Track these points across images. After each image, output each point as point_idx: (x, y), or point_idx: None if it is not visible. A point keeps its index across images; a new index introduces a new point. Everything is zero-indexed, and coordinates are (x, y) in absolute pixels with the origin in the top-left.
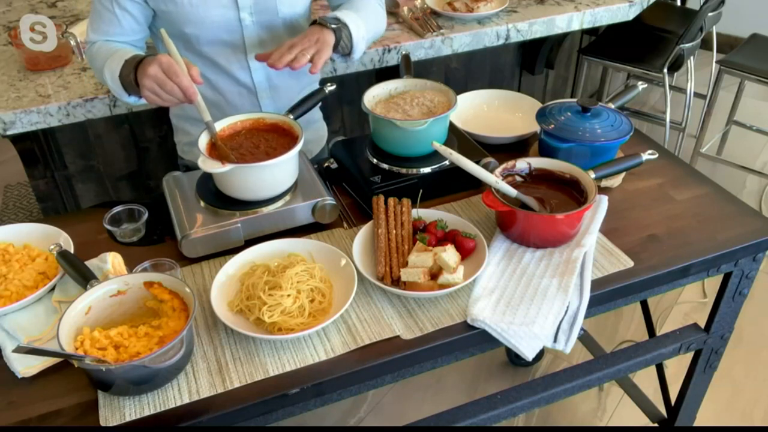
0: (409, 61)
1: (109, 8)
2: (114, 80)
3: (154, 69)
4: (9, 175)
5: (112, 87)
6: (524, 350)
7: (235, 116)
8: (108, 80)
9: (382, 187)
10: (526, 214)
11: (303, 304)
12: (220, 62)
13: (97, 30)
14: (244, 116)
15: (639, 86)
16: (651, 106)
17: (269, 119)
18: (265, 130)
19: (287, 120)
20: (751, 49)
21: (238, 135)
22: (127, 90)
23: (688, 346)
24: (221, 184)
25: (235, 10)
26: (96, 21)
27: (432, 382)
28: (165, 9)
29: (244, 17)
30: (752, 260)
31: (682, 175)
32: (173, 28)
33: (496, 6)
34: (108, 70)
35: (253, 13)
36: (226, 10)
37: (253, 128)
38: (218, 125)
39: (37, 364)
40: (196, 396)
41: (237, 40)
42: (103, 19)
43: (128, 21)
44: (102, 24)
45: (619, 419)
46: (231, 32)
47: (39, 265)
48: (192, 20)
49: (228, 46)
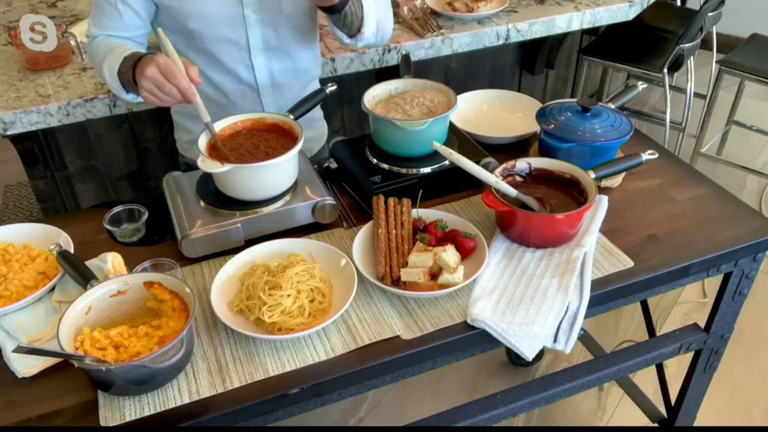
0: (409, 61)
1: (111, 2)
2: (112, 77)
3: (152, 70)
4: (9, 175)
5: (111, 84)
6: (524, 350)
7: (236, 116)
8: (107, 77)
9: (382, 187)
10: (526, 214)
11: (303, 304)
12: (223, 60)
13: (98, 24)
14: (245, 116)
15: (639, 86)
16: (651, 106)
17: (270, 119)
18: (266, 130)
19: (287, 120)
20: (751, 49)
21: (238, 135)
22: (125, 87)
23: (688, 346)
24: (221, 184)
25: (239, 7)
26: (98, 15)
27: (432, 382)
28: (168, 4)
29: (248, 14)
30: (752, 260)
31: (682, 175)
32: (176, 23)
33: (496, 6)
34: (107, 67)
35: (257, 11)
36: (230, 6)
37: (254, 128)
38: (218, 125)
39: (37, 364)
40: (196, 396)
41: (241, 38)
42: (105, 14)
43: (130, 16)
44: (104, 18)
45: (619, 419)
46: (234, 29)
47: (39, 265)
48: (195, 16)
49: (231, 43)
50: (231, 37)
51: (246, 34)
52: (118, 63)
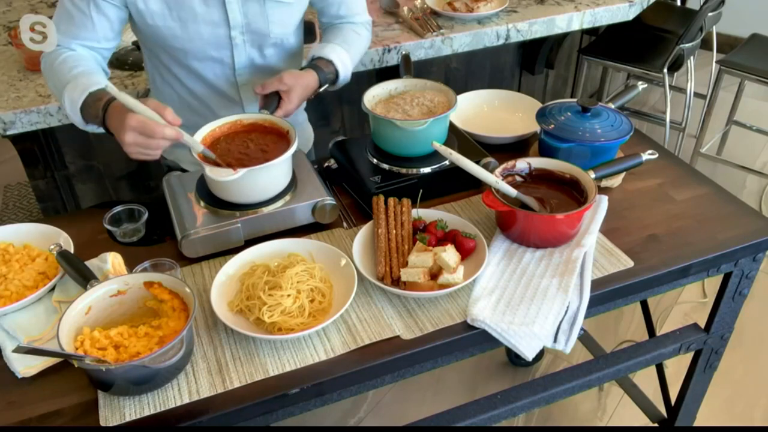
0: (409, 61)
1: (83, 10)
2: (74, 111)
3: (131, 136)
4: (9, 175)
5: (70, 115)
6: (524, 350)
7: (211, 123)
8: (66, 107)
9: (382, 187)
10: (526, 214)
11: (303, 304)
12: (207, 76)
13: (65, 33)
14: (220, 122)
15: (639, 86)
16: (651, 106)
17: (247, 120)
18: (246, 131)
19: (266, 117)
20: (751, 49)
21: (218, 142)
22: (86, 120)
23: (688, 346)
24: (224, 191)
25: (226, 28)
26: (64, 23)
27: (432, 382)
28: (153, 24)
29: (234, 36)
30: (752, 260)
31: (682, 175)
32: (161, 41)
33: (496, 6)
34: (68, 98)
35: (244, 32)
36: (217, 27)
37: (232, 132)
38: (197, 136)
39: (37, 364)
40: (196, 396)
41: (226, 57)
42: (75, 22)
43: (103, 26)
44: (72, 27)
45: (619, 419)
46: (220, 49)
47: (39, 265)
48: (181, 36)
49: (216, 61)
50: (216, 56)
51: (232, 54)
52: (82, 98)
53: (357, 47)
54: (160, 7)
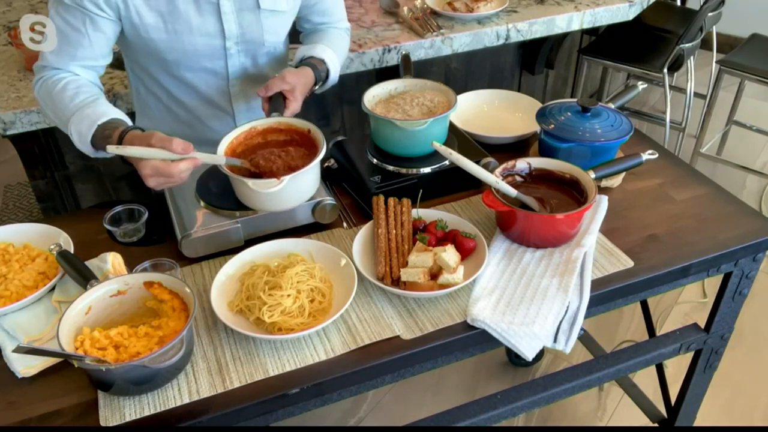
0: (409, 61)
1: (78, 28)
2: (83, 143)
3: (152, 182)
4: (9, 175)
5: (79, 146)
6: (524, 350)
7: (227, 137)
8: (74, 138)
9: (382, 187)
10: (526, 214)
11: (303, 304)
12: (199, 87)
13: (60, 53)
14: (236, 132)
15: (639, 86)
16: (651, 106)
17: (261, 126)
18: (263, 138)
19: (280, 120)
20: (751, 49)
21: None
22: (97, 149)
23: (688, 346)
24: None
25: (221, 39)
26: (59, 42)
27: (432, 382)
28: (147, 37)
29: (229, 46)
30: (752, 260)
31: (682, 175)
32: (154, 53)
33: (496, 6)
34: (75, 131)
35: (239, 43)
36: (212, 39)
37: (248, 140)
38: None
39: (37, 364)
40: (196, 396)
41: (220, 67)
42: (71, 42)
43: (100, 43)
44: (68, 47)
45: (619, 419)
46: (214, 60)
47: (39, 265)
48: (176, 48)
49: (209, 72)
50: (209, 66)
51: (226, 64)
52: (92, 131)
53: (342, 50)
54: (155, 20)
